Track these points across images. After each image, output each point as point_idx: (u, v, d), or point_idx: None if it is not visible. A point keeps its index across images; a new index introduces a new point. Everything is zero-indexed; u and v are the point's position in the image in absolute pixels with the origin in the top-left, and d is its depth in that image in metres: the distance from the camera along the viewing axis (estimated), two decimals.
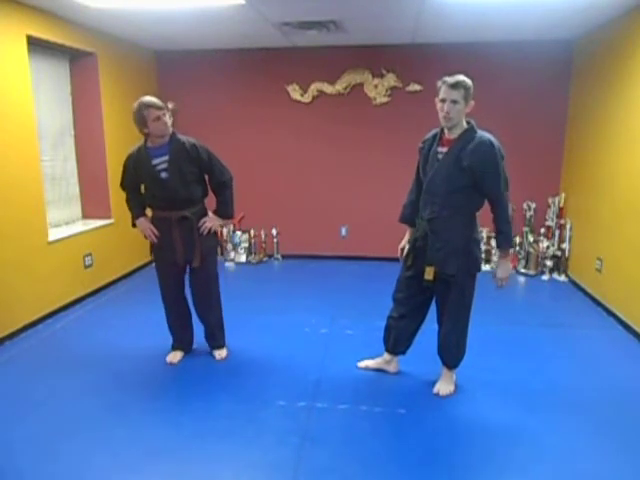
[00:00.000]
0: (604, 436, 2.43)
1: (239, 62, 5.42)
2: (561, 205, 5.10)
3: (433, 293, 2.78)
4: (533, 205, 5.25)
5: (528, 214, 5.26)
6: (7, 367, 3.15)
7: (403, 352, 2.97)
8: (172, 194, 2.90)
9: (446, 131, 2.58)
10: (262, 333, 3.57)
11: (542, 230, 5.24)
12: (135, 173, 2.96)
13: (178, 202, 2.92)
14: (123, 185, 3.07)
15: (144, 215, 3.07)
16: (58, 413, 2.62)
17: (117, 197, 4.84)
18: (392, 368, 3.02)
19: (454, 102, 2.45)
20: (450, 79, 2.46)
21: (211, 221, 3.02)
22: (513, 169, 5.17)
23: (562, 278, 4.97)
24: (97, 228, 4.55)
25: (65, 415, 2.60)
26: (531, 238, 5.20)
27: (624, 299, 3.80)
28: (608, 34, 4.17)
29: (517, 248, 5.27)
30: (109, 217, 4.75)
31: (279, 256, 5.77)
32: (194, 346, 3.33)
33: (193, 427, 2.50)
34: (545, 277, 5.03)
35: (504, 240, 2.62)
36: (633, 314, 3.65)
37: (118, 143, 4.84)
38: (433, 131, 2.70)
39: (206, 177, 3.05)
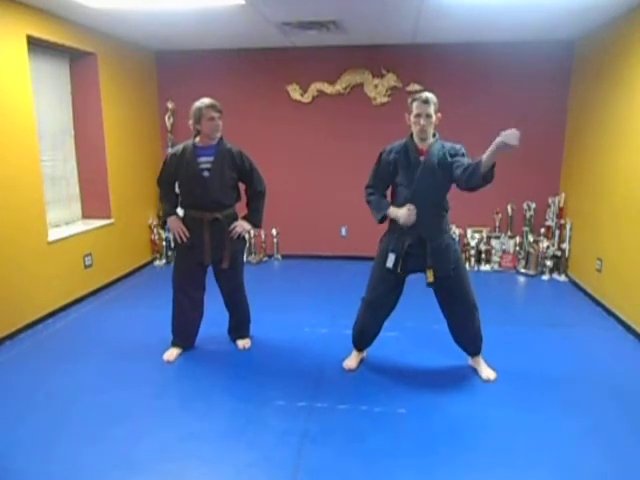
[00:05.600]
0: (604, 435, 2.43)
1: (239, 62, 5.42)
2: (561, 205, 5.10)
3: (402, 291, 2.93)
4: (533, 205, 5.25)
5: (528, 214, 5.26)
6: (7, 367, 3.15)
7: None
8: (209, 194, 3.01)
9: (418, 142, 2.73)
10: (262, 333, 3.57)
11: (542, 230, 5.23)
12: (174, 171, 3.07)
13: (213, 203, 3.04)
14: (160, 181, 3.18)
15: (175, 214, 3.17)
16: (58, 412, 2.62)
17: (117, 197, 4.85)
18: (363, 355, 3.20)
19: (428, 116, 2.65)
20: (420, 95, 2.65)
21: (241, 226, 3.15)
22: (513, 169, 5.23)
23: (562, 278, 4.97)
24: (97, 228, 4.55)
25: (64, 414, 2.61)
26: (531, 238, 5.20)
27: (624, 299, 3.80)
28: (608, 34, 4.17)
29: (517, 248, 5.28)
30: (109, 217, 4.75)
31: (279, 256, 5.77)
32: (195, 345, 3.34)
33: (193, 426, 2.50)
34: (545, 277, 5.03)
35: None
36: (633, 314, 3.65)
37: (118, 143, 4.84)
38: (399, 143, 2.80)
39: (241, 185, 3.20)
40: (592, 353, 3.36)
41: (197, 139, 3.04)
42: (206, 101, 2.97)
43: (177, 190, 3.20)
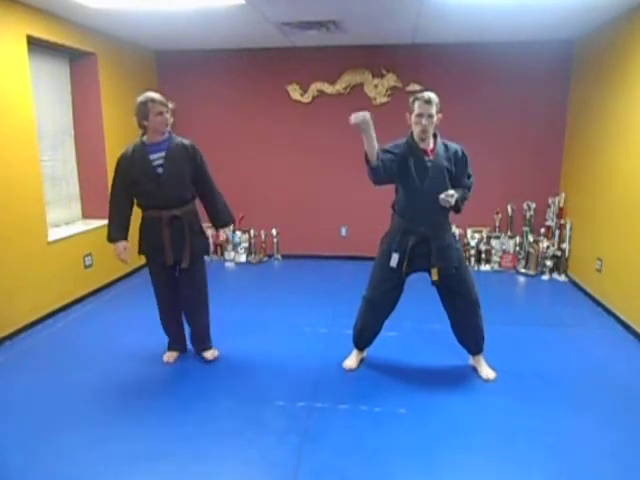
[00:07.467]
0: (604, 435, 2.43)
1: (239, 62, 5.42)
2: (561, 205, 5.10)
3: (402, 290, 2.93)
4: (533, 205, 5.25)
5: (528, 214, 5.26)
6: (7, 367, 3.15)
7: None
8: (166, 191, 2.89)
9: (418, 142, 2.71)
10: (262, 333, 3.57)
11: (542, 230, 5.23)
12: (129, 172, 2.89)
13: (170, 200, 2.91)
14: (114, 187, 2.96)
15: (126, 239, 3.02)
16: (58, 412, 2.62)
17: None
18: (363, 355, 3.20)
19: (430, 116, 2.64)
20: (423, 95, 2.62)
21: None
22: (513, 169, 5.23)
23: (562, 278, 4.97)
24: (97, 228, 4.53)
25: (65, 414, 2.61)
26: (531, 238, 5.20)
27: (624, 299, 3.80)
28: (608, 34, 4.17)
29: (517, 248, 5.28)
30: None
31: (279, 256, 5.77)
32: (189, 347, 3.32)
33: (193, 427, 2.50)
34: (545, 277, 5.03)
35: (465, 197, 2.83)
36: (633, 314, 3.65)
37: (118, 143, 4.82)
38: (400, 143, 2.77)
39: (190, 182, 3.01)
40: (592, 353, 3.36)
41: (145, 137, 2.90)
42: (150, 95, 2.83)
43: (132, 200, 2.99)
